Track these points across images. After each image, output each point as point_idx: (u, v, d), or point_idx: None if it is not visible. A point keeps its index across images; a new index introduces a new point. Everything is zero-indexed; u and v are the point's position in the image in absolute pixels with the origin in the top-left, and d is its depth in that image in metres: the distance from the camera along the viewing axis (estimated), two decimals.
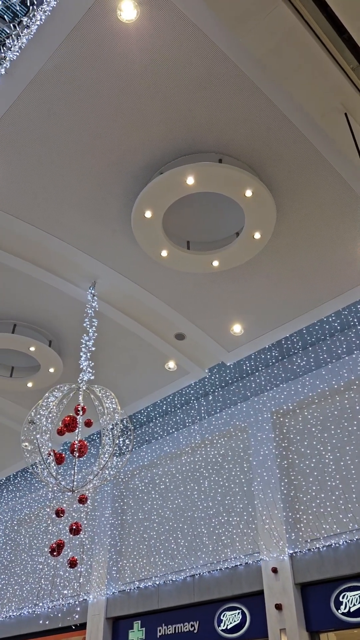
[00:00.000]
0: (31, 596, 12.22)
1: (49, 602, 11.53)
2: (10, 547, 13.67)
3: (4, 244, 7.55)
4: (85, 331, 7.71)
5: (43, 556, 12.23)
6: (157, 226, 6.76)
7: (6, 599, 12.88)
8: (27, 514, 13.72)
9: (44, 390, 7.78)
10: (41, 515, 13.14)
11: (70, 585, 11.40)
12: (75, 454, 6.59)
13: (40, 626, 11.48)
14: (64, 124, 6.06)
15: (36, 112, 5.91)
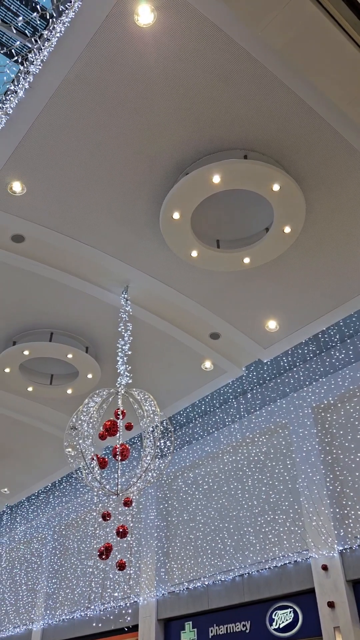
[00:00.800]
0: (82, 599, 12.39)
1: (100, 604, 11.67)
2: (59, 552, 13.90)
3: (37, 254, 7.69)
4: (120, 336, 7.78)
5: (92, 559, 12.39)
6: (185, 227, 6.76)
7: (59, 602, 13.11)
8: (74, 518, 13.93)
9: (84, 396, 7.88)
10: (88, 519, 13.32)
11: (120, 588, 11.51)
12: (118, 458, 6.65)
13: (93, 629, 11.63)
14: (88, 133, 6.13)
15: (60, 124, 6.00)
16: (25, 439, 12.41)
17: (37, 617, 13.51)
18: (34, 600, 13.95)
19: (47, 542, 14.46)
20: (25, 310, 8.73)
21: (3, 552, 16.07)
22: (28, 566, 14.78)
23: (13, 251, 7.59)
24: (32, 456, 13.14)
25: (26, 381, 9.78)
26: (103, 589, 11.79)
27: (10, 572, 15.41)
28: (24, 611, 14.15)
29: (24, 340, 9.06)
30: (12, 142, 6.10)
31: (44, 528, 14.80)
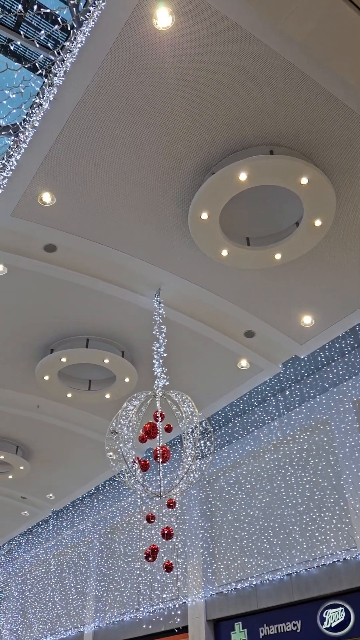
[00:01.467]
0: (131, 601, 12.50)
1: (149, 606, 11.74)
2: (106, 555, 14.07)
3: (70, 263, 7.81)
4: (155, 338, 7.82)
5: (139, 562, 12.48)
6: (214, 227, 6.75)
7: (108, 605, 13.26)
8: (118, 521, 14.07)
9: (122, 400, 7.96)
10: (132, 522, 13.43)
11: (168, 589, 11.55)
12: (159, 460, 6.68)
13: (143, 630, 11.71)
14: (113, 140, 6.19)
15: (85, 132, 6.08)
16: (67, 445, 12.62)
17: (88, 619, 13.69)
18: (84, 603, 14.15)
19: (93, 546, 14.65)
20: (61, 318, 8.88)
21: (52, 557, 16.36)
22: (76, 570, 15.00)
23: (46, 261, 7.74)
24: (75, 461, 13.35)
25: (65, 388, 9.94)
26: (151, 591, 11.86)
27: (59, 575, 15.69)
28: (75, 614, 14.37)
29: (61, 347, 9.21)
30: (40, 154, 6.21)
31: (89, 532, 15.00)
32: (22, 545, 18.11)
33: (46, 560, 16.67)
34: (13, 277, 7.95)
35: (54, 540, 16.39)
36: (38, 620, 15.92)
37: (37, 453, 13.06)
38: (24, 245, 7.49)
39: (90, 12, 4.35)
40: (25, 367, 9.89)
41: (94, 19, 4.47)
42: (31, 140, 5.45)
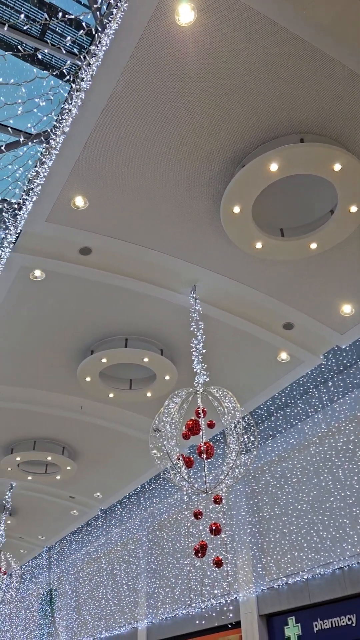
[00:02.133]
0: (183, 597, 12.57)
1: (201, 602, 11.79)
2: (155, 552, 14.20)
3: (105, 264, 7.90)
4: (193, 335, 7.82)
5: (188, 558, 12.54)
6: (247, 219, 6.69)
7: (160, 601, 13.38)
8: (166, 518, 14.18)
9: (163, 397, 8.01)
10: (180, 519, 13.50)
11: (219, 585, 11.56)
12: (203, 456, 6.70)
13: (196, 626, 11.77)
14: (142, 140, 6.22)
15: (114, 134, 6.13)
16: (112, 444, 12.79)
17: (141, 616, 13.86)
18: (136, 599, 14.33)
19: (142, 543, 14.81)
20: (100, 320, 9.00)
21: (102, 554, 16.64)
22: (127, 567, 15.20)
23: (82, 264, 7.86)
24: (120, 460, 13.52)
25: (107, 388, 10.08)
26: (202, 587, 11.90)
27: (110, 573, 15.94)
28: (128, 610, 14.57)
29: (101, 348, 9.34)
30: (71, 159, 6.30)
31: (137, 529, 15.17)
32: (73, 544, 18.49)
33: (97, 558, 16.97)
34: (51, 282, 8.11)
35: (103, 538, 16.67)
36: (92, 617, 16.23)
37: (83, 453, 13.30)
38: (60, 249, 7.63)
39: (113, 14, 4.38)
40: (67, 369, 10.08)
41: (117, 21, 4.49)
42: (62, 145, 5.54)
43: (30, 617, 21.19)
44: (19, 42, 4.87)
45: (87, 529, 17.70)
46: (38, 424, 12.11)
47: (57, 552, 19.52)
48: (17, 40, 4.88)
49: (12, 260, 7.53)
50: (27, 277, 7.95)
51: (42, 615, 19.94)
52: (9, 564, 14.58)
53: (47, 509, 16.65)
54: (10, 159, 4.73)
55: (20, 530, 18.38)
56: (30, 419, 11.87)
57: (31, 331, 9.20)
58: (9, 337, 9.29)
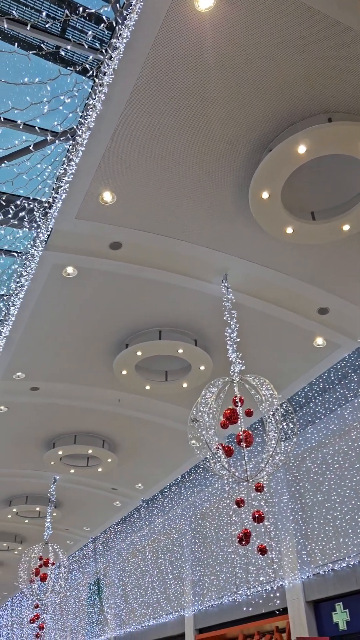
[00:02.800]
0: (228, 585, 12.64)
1: (246, 589, 11.83)
2: (199, 541, 14.30)
3: (136, 258, 7.94)
4: (226, 324, 7.79)
5: (232, 546, 12.59)
6: (277, 205, 6.59)
7: (205, 589, 13.50)
8: (207, 507, 14.25)
9: (199, 388, 8.02)
10: (221, 507, 13.55)
11: (265, 572, 11.57)
12: (243, 445, 6.68)
13: (243, 613, 11.83)
14: (166, 131, 6.19)
15: (138, 127, 6.12)
16: (150, 436, 12.92)
17: (187, 603, 14.02)
18: (182, 587, 14.49)
19: (185, 532, 14.93)
20: (133, 313, 9.06)
21: (146, 544, 16.87)
22: (171, 556, 15.38)
23: (113, 259, 7.91)
24: (160, 451, 13.65)
25: (143, 380, 10.17)
26: (247, 574, 11.93)
27: (155, 562, 16.15)
28: (174, 598, 14.75)
29: (136, 341, 9.41)
30: (97, 155, 6.33)
31: (180, 519, 15.30)
32: (118, 535, 18.82)
33: (141, 547, 17.22)
34: (83, 278, 8.20)
35: (147, 528, 16.89)
36: (140, 605, 16.51)
37: (122, 445, 13.49)
38: (91, 245, 7.70)
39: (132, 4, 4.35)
40: (103, 364, 10.22)
41: (137, 11, 4.47)
42: (87, 142, 5.56)
43: (79, 606, 21.72)
44: (41, 41, 4.90)
45: (130, 519, 17.98)
46: (78, 419, 12.33)
47: (102, 543, 19.92)
48: (38, 39, 4.91)
49: (45, 259, 7.65)
50: (60, 275, 8.06)
51: (91, 604, 20.42)
52: (56, 555, 14.95)
53: (90, 501, 16.99)
54: (39, 159, 4.79)
55: (66, 522, 18.83)
56: (70, 414, 12.10)
57: (67, 328, 9.34)
58: (46, 334, 9.46)
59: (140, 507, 17.09)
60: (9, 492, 16.79)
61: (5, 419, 12.01)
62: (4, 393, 11.02)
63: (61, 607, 23.61)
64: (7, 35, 4.89)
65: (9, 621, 30.65)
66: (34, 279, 7.94)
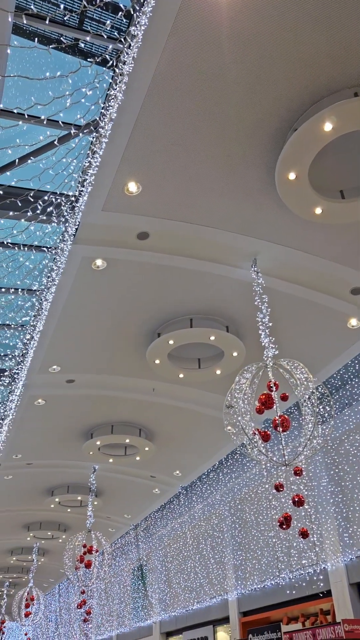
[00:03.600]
0: (270, 569, 12.69)
1: (289, 572, 11.85)
2: (239, 525, 14.38)
3: (163, 247, 7.94)
4: (258, 309, 7.74)
5: (272, 530, 12.61)
6: (304, 185, 6.47)
7: (247, 573, 13.58)
8: (246, 492, 14.28)
9: (233, 374, 8.00)
10: (260, 492, 13.56)
11: (307, 555, 11.56)
12: (279, 429, 6.65)
13: (286, 596, 11.87)
14: (188, 117, 6.12)
15: (160, 115, 6.07)
16: (186, 423, 13.00)
17: (230, 587, 14.14)
18: (224, 572, 14.62)
19: (225, 517, 15.02)
20: (164, 302, 9.08)
21: (187, 530, 17.05)
22: (212, 541, 15.51)
23: (141, 249, 7.93)
24: (196, 438, 13.73)
25: (176, 369, 10.21)
26: (289, 558, 11.94)
27: (196, 547, 16.32)
28: (217, 582, 14.90)
29: (167, 330, 9.44)
30: (121, 146, 6.33)
31: (219, 504, 15.40)
32: (158, 521, 19.08)
33: (182, 533, 17.41)
34: (112, 270, 8.25)
35: (186, 514, 17.06)
36: (183, 589, 16.74)
37: (159, 434, 13.62)
38: (118, 237, 7.73)
39: None
40: (136, 353, 10.30)
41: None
42: (110, 133, 5.56)
43: (124, 591, 22.19)
44: (59, 35, 4.91)
45: (169, 506, 18.19)
46: (114, 409, 12.50)
47: (144, 530, 20.24)
48: (57, 33, 4.91)
49: (74, 253, 7.72)
50: (90, 267, 8.13)
51: (135, 589, 20.83)
52: (99, 542, 15.28)
53: (130, 489, 17.26)
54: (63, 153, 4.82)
55: (107, 510, 19.20)
56: (106, 404, 12.27)
57: (98, 320, 9.44)
58: (79, 327, 9.58)
59: (179, 493, 17.27)
60: (51, 483, 17.20)
61: (43, 412, 12.27)
62: (41, 386, 11.25)
63: (106, 592, 24.16)
64: (26, 31, 4.91)
65: (57, 607, 31.58)
66: (65, 273, 8.03)
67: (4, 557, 25.67)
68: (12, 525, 20.89)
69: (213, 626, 15.34)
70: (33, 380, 10.87)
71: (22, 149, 4.96)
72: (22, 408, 11.67)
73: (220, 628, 15.30)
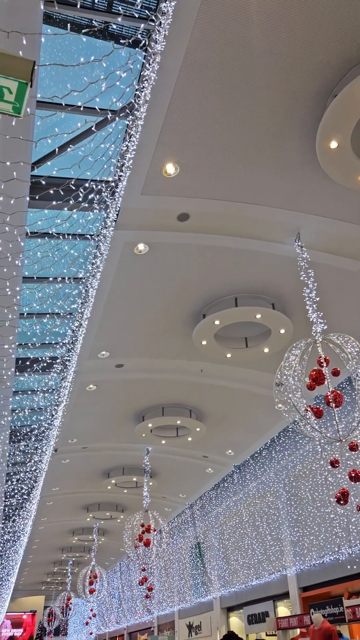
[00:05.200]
0: (328, 544, 12.64)
1: (348, 547, 11.77)
2: (294, 502, 14.36)
3: (204, 227, 7.88)
4: (304, 284, 7.59)
5: (329, 506, 12.53)
6: (347, 153, 6.25)
7: (305, 549, 13.58)
8: (300, 469, 14.22)
9: (282, 351, 7.91)
10: (315, 469, 13.47)
11: None
12: (332, 405, 6.56)
13: (347, 571, 11.81)
14: (223, 93, 6.00)
15: (194, 92, 5.97)
16: (236, 403, 13.02)
17: (288, 563, 14.20)
18: (282, 548, 14.68)
19: (280, 495, 15.03)
20: (207, 282, 9.05)
21: (242, 508, 17.19)
22: (268, 518, 15.57)
23: (182, 230, 7.90)
24: (247, 417, 13.75)
25: (224, 349, 10.20)
26: (348, 533, 11.85)
27: (253, 524, 16.44)
28: (275, 559, 14.99)
29: (213, 311, 9.42)
30: (156, 127, 6.28)
31: (273, 482, 15.41)
32: (213, 500, 19.30)
33: (237, 511, 17.56)
34: (155, 253, 8.27)
35: (241, 492, 17.18)
36: (242, 566, 16.94)
37: (209, 414, 13.70)
38: (158, 220, 7.72)
39: None
40: (183, 335, 10.35)
41: None
42: (145, 115, 5.52)
43: (183, 568, 22.67)
44: (89, 20, 4.88)
45: (223, 485, 18.36)
46: (164, 391, 12.65)
47: (199, 508, 20.53)
48: (86, 18, 4.89)
49: (116, 239, 7.78)
50: (132, 252, 8.19)
51: (194, 566, 21.24)
52: (156, 521, 15.64)
53: (183, 469, 17.52)
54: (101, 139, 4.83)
55: (162, 490, 19.58)
56: (156, 387, 12.43)
57: (143, 304, 9.52)
58: (125, 312, 9.70)
59: (232, 472, 17.39)
60: (107, 465, 17.68)
61: (95, 397, 12.57)
62: (91, 372, 11.50)
63: (166, 570, 24.76)
64: (56, 20, 4.91)
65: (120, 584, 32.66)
66: (108, 259, 8.11)
67: (66, 537, 26.70)
68: (72, 506, 21.66)
69: (273, 601, 15.49)
70: (84, 367, 11.13)
71: (60, 138, 5.01)
72: (74, 394, 11.99)
73: (280, 603, 15.43)
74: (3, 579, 24.32)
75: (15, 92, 2.33)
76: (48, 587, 41.41)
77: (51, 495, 19.48)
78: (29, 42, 3.53)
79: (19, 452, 11.74)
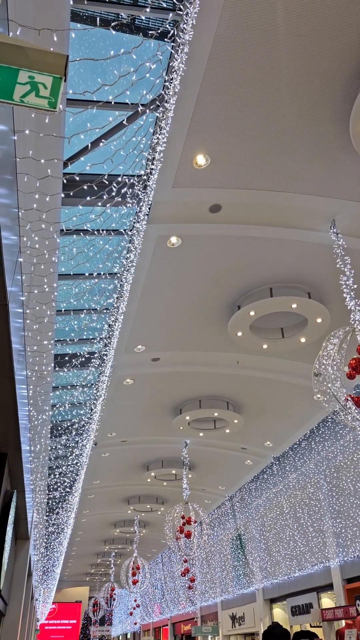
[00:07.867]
0: None
1: None
2: (335, 494, 14.17)
3: (237, 217, 7.82)
4: (341, 272, 7.45)
5: None
6: None
7: (349, 540, 13.40)
8: (341, 460, 14.02)
9: (319, 341, 7.81)
10: (356, 459, 13.25)
11: None
12: None
13: None
14: (253, 79, 5.91)
15: (223, 81, 5.91)
16: (273, 394, 12.92)
17: (331, 554, 14.05)
18: (324, 540, 14.53)
19: (321, 486, 14.87)
20: (241, 273, 8.99)
21: (283, 499, 17.09)
22: (309, 509, 15.43)
23: (215, 222, 7.86)
24: (285, 408, 13.63)
25: (260, 340, 10.12)
26: None
27: (294, 516, 16.32)
28: (317, 550, 14.85)
29: (247, 302, 9.35)
30: (186, 119, 6.25)
31: (313, 473, 15.24)
32: (253, 492, 19.26)
33: (278, 503, 17.47)
34: (188, 246, 8.26)
35: (281, 484, 17.08)
36: (283, 557, 16.86)
37: (247, 406, 13.65)
38: (191, 212, 7.70)
39: None
40: (218, 327, 10.32)
41: None
42: (174, 106, 5.50)
43: (225, 560, 22.73)
44: (115, 14, 4.89)
45: (263, 476, 18.28)
46: (200, 384, 12.67)
47: (239, 500, 20.52)
48: (113, 13, 4.90)
49: (148, 232, 7.80)
50: (165, 246, 8.20)
51: (236, 558, 21.27)
52: (197, 513, 15.72)
53: (222, 461, 17.53)
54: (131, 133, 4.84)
55: (202, 482, 19.65)
56: (192, 380, 12.46)
57: (178, 297, 9.54)
58: (160, 306, 9.74)
59: (272, 464, 17.29)
60: (146, 458, 17.86)
61: (133, 391, 12.69)
62: (128, 366, 11.61)
63: (208, 561, 24.88)
64: (82, 17, 4.93)
65: (162, 575, 33.03)
66: (142, 253, 8.14)
67: (108, 529, 27.16)
68: (113, 499, 22.00)
69: (317, 593, 15.37)
70: (120, 361, 11.24)
71: (92, 133, 5.04)
72: (112, 388, 12.13)
73: (324, 595, 15.30)
74: (49, 570, 24.95)
75: (50, 87, 2.36)
76: (92, 578, 42.31)
77: (92, 488, 19.84)
78: (59, 38, 3.56)
79: (61, 446, 11.98)
